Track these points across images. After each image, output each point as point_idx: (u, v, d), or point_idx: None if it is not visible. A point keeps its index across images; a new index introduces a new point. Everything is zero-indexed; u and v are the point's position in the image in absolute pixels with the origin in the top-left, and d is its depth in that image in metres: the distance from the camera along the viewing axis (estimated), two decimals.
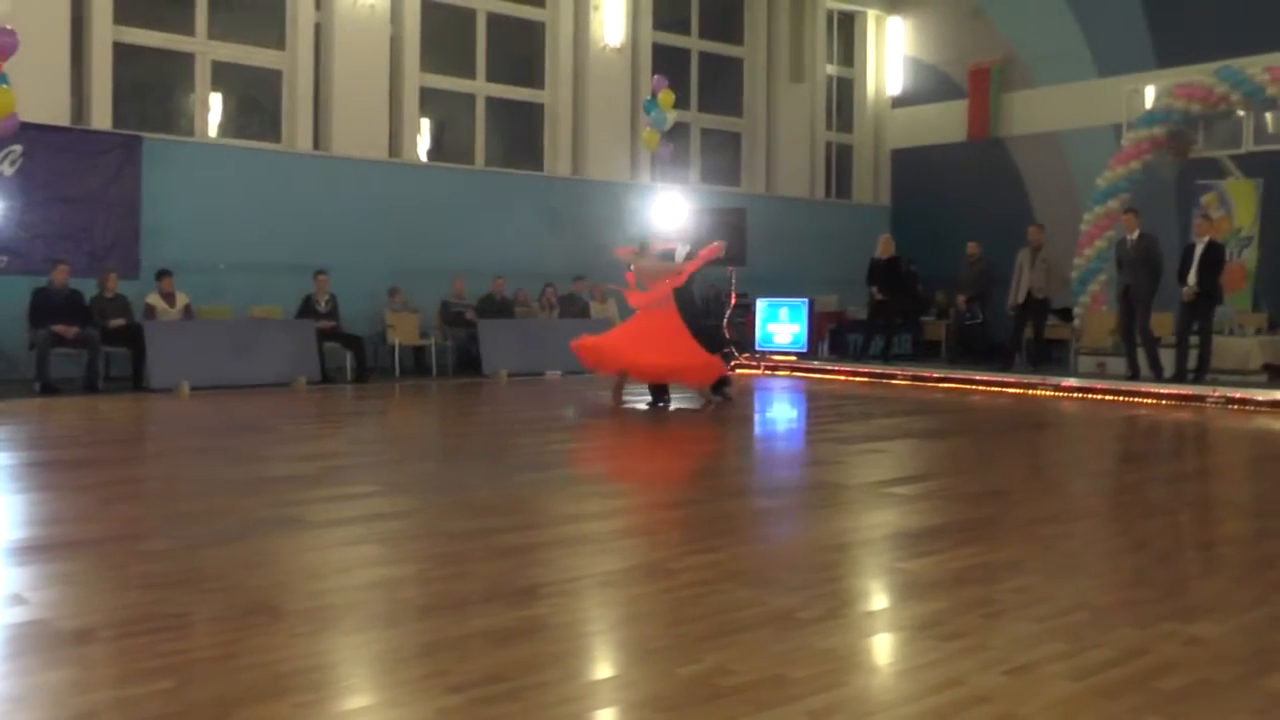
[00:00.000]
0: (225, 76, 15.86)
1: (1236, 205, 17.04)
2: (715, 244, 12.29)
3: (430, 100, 17.49)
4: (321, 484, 7.18)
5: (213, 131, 15.72)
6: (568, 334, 16.56)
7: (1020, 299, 15.83)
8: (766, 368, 17.40)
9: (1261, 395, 12.86)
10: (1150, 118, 17.50)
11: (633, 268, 12.28)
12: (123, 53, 14.92)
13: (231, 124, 16.08)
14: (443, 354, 16.06)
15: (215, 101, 15.81)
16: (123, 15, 14.90)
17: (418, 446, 9.58)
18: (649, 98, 17.28)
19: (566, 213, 17.89)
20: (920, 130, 21.89)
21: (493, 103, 18.09)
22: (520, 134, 18.83)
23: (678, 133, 18.58)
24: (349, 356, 14.84)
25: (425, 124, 17.65)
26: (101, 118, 14.53)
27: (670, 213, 17.34)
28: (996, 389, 14.75)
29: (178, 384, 13.02)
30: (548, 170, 18.48)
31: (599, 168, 18.62)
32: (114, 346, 13.39)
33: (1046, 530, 6.01)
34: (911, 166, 22.09)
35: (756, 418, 12.35)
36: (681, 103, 18.67)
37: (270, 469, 7.77)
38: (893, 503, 6.81)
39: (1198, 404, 13.03)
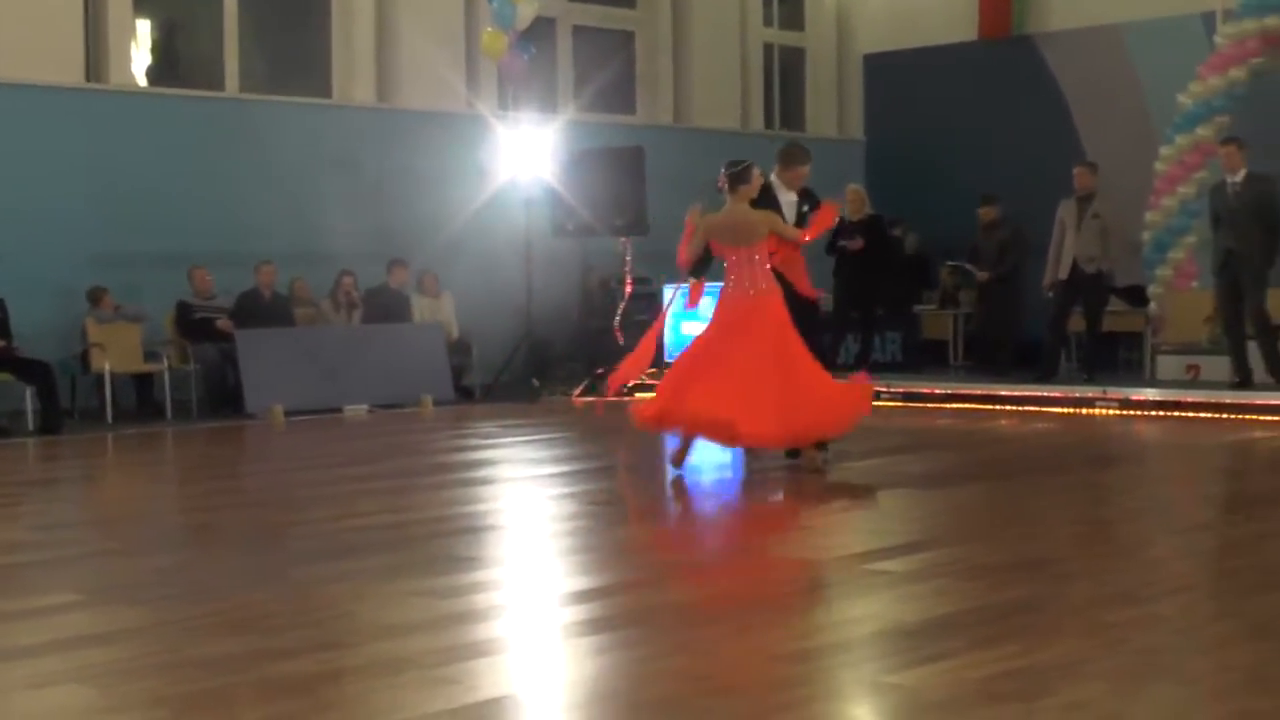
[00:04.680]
0: None
1: None
2: (828, 205, 11.08)
3: None
4: None
5: None
6: (376, 347, 16.62)
7: (1063, 273, 16.05)
8: None
9: None
10: (1261, 2, 17.76)
11: (699, 224, 10.59)
12: None
13: None
14: (181, 384, 15.83)
15: None
16: None
17: (145, 530, 9.40)
18: None
19: (369, 162, 17.75)
20: (907, 25, 22.11)
21: None
22: (294, 42, 18.65)
23: (537, 32, 18.56)
24: (29, 394, 14.54)
25: (144, 29, 17.45)
26: None
27: (529, 156, 17.32)
28: (1033, 409, 14.94)
29: None
30: (338, 97, 18.36)
31: (417, 91, 18.52)
32: None
33: (1115, 615, 6.07)
34: (895, 81, 22.32)
35: (667, 467, 12.35)
36: None
37: None
38: (880, 585, 6.83)
39: None
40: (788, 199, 11.03)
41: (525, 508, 9.90)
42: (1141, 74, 19.62)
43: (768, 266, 10.45)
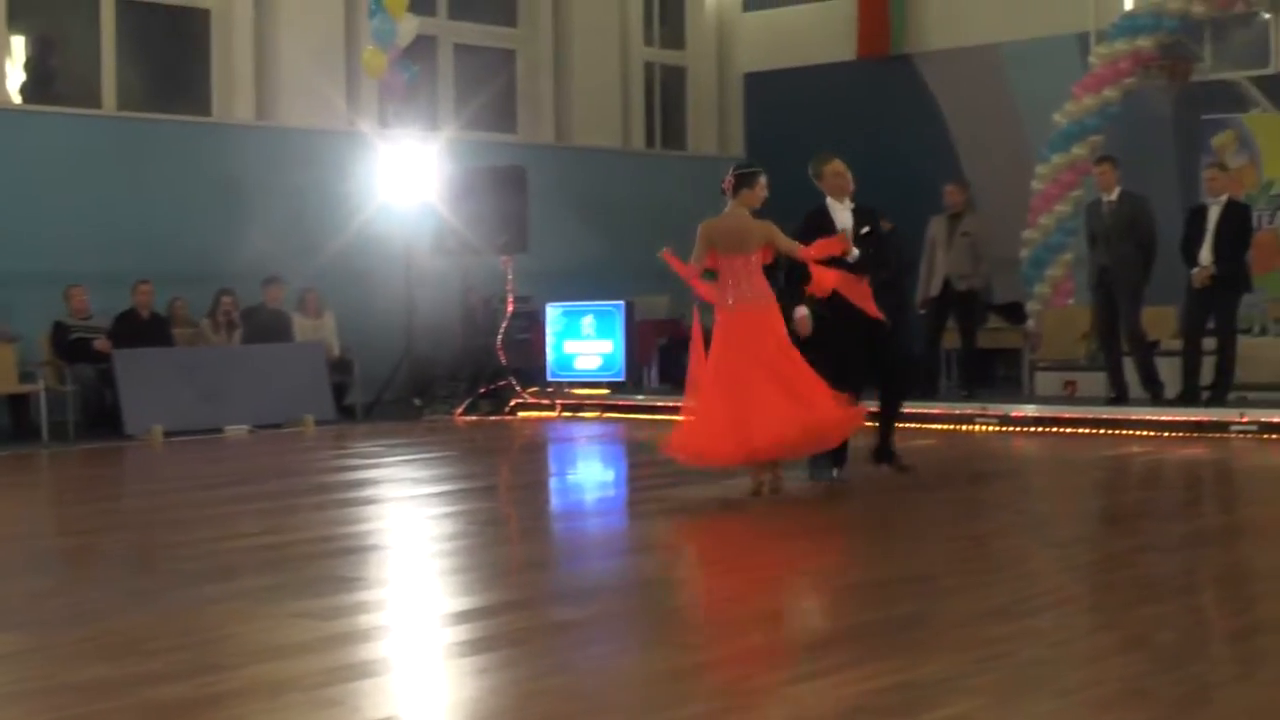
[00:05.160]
0: None
1: (1264, 148, 17.49)
2: (835, 238, 10.75)
3: (27, 8, 17.13)
4: None
5: None
6: (257, 366, 16.46)
7: (935, 291, 16.17)
8: (565, 408, 17.41)
9: None
10: (1133, 23, 18.04)
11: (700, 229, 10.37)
12: None
13: None
14: (58, 405, 15.60)
15: None
16: None
17: (18, 553, 9.25)
18: None
19: (249, 180, 17.60)
20: (787, 44, 22.22)
21: (129, 10, 17.76)
22: (173, 59, 18.46)
23: (418, 50, 18.50)
24: None
25: (18, 45, 17.23)
26: None
27: (410, 174, 17.26)
28: (914, 425, 15.00)
29: None
30: (218, 115, 18.18)
31: (297, 109, 18.39)
32: None
33: (994, 630, 6.13)
34: (775, 99, 22.40)
35: (551, 483, 12.32)
36: (423, 5, 18.62)
37: None
38: (762, 601, 6.83)
39: (1218, 435, 13.52)
40: (843, 218, 10.92)
41: (407, 528, 9.85)
42: (1018, 93, 19.84)
43: (762, 276, 10.28)
